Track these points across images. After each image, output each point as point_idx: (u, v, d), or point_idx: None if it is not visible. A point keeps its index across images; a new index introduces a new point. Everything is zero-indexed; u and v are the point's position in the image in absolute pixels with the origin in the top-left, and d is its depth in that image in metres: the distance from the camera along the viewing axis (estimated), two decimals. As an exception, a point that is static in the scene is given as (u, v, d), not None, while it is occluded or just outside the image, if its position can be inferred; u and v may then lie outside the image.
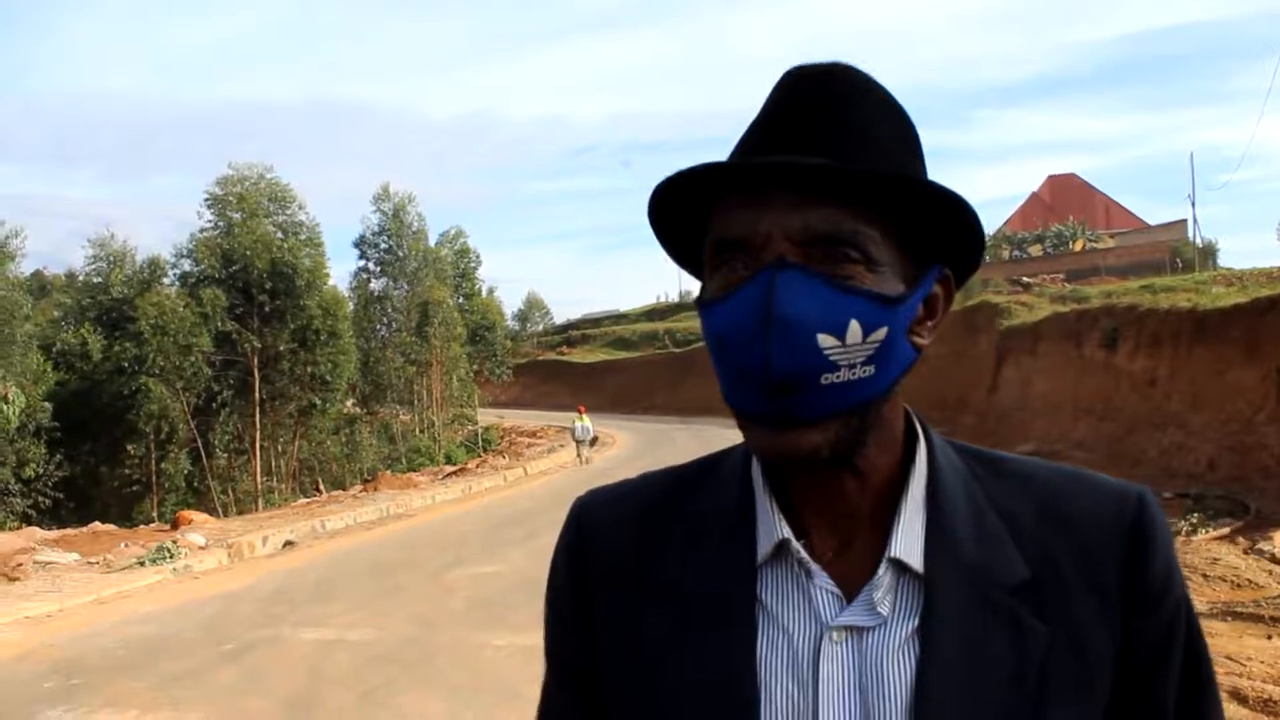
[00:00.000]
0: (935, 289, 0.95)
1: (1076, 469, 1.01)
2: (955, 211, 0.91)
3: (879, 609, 0.91)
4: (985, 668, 0.89)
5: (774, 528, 0.94)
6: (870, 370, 0.87)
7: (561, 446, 35.77)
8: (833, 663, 0.90)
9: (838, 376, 0.86)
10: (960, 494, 0.96)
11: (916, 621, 0.91)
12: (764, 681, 0.91)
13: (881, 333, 0.87)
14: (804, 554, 0.93)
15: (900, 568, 0.92)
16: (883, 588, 0.91)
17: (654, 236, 1.01)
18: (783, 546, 0.94)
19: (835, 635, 0.91)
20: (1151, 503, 0.97)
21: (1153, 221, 63.01)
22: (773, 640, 0.92)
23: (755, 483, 0.98)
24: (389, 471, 31.46)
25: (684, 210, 0.96)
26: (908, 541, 0.92)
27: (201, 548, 15.10)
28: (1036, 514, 0.95)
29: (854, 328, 0.86)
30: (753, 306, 0.86)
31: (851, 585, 0.93)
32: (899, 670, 0.89)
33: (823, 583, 0.93)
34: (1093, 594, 0.92)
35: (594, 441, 32.34)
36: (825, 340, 0.85)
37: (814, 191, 0.87)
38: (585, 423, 31.33)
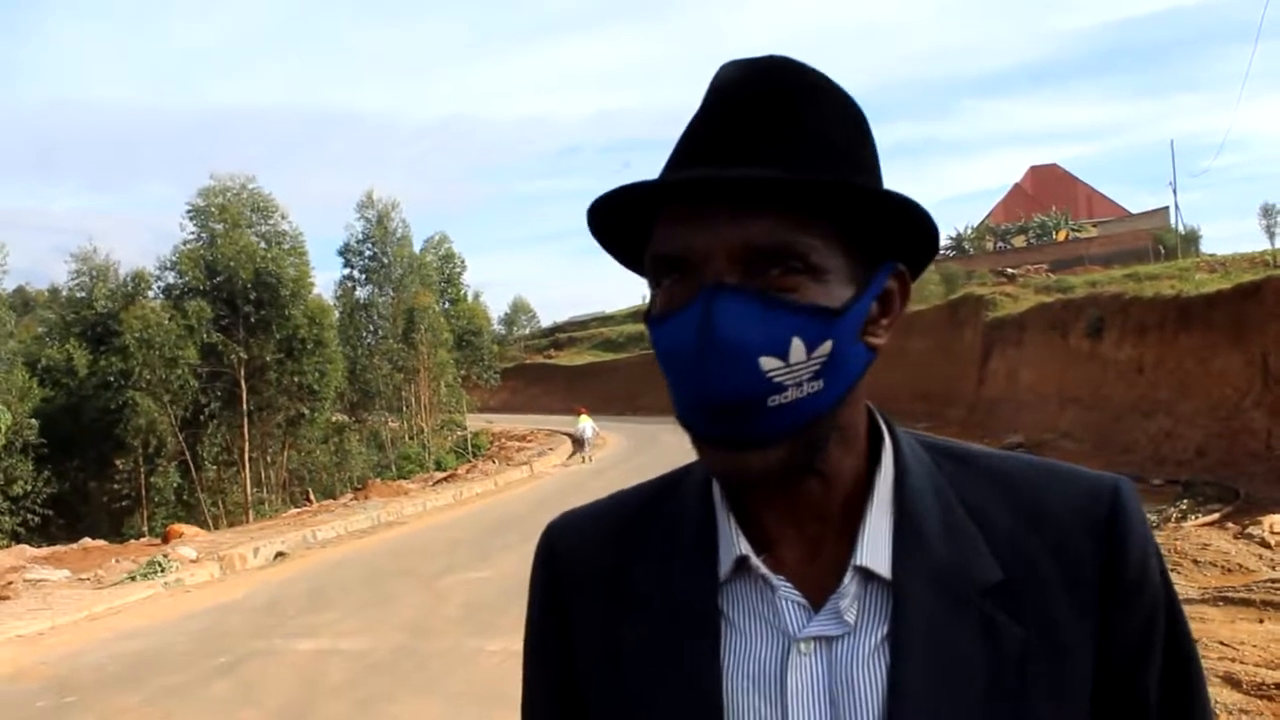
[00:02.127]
0: (890, 285, 0.91)
1: (1050, 462, 0.99)
2: (903, 212, 0.88)
3: (845, 617, 0.89)
4: (958, 672, 0.86)
5: (733, 544, 0.92)
6: (818, 385, 0.85)
7: (552, 450, 35.82)
8: (801, 674, 0.88)
9: (785, 397, 0.84)
10: (929, 493, 0.93)
11: (886, 628, 0.88)
12: (730, 699, 0.90)
13: (826, 346, 0.84)
14: (764, 569, 0.91)
15: (867, 575, 0.90)
16: (849, 596, 0.89)
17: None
18: (743, 562, 0.92)
19: (803, 646, 0.89)
20: (1126, 493, 0.93)
21: (1135, 210, 63.38)
22: (738, 656, 0.91)
23: (715, 496, 0.96)
24: (379, 479, 31.44)
25: (627, 220, 0.92)
26: (873, 547, 0.90)
27: (193, 561, 15.03)
28: (1009, 510, 0.93)
29: (797, 345, 0.83)
30: (692, 331, 0.83)
31: (820, 594, 0.90)
32: (870, 678, 0.87)
33: (787, 594, 0.91)
34: (1069, 590, 0.90)
35: (582, 444, 32.91)
36: (768, 363, 0.83)
37: (752, 203, 0.84)
38: (587, 422, 32.95)
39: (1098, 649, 0.90)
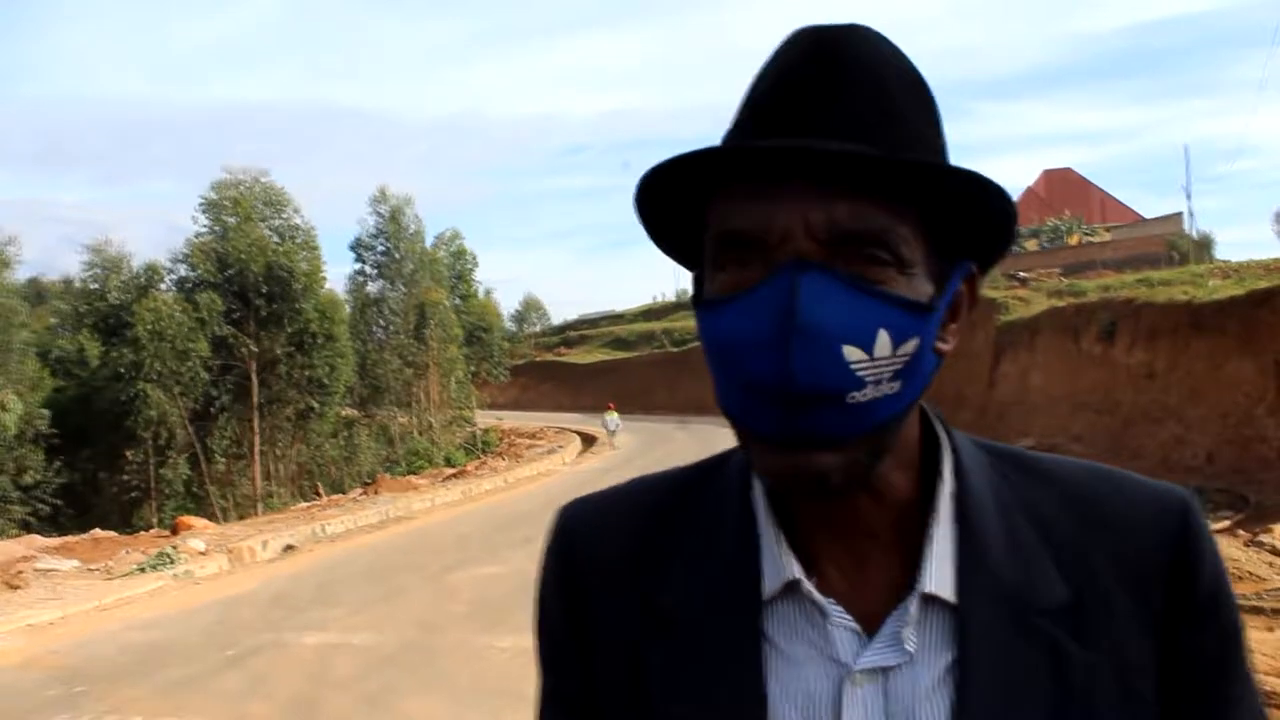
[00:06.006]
0: (960, 287, 0.84)
1: (1110, 468, 0.92)
2: (996, 203, 0.80)
3: (906, 646, 0.81)
4: (1028, 703, 0.80)
5: (780, 564, 0.84)
6: (896, 386, 0.77)
7: (562, 447, 35.98)
8: (856, 707, 0.81)
9: (863, 395, 0.75)
10: (992, 506, 0.86)
11: (950, 657, 0.81)
12: None
13: (912, 344, 0.77)
14: (816, 594, 0.83)
15: (928, 599, 0.82)
16: (910, 623, 0.81)
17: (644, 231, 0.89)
18: (792, 585, 0.84)
19: (858, 678, 0.81)
20: (1196, 507, 0.87)
21: (1149, 214, 63.02)
22: (785, 685, 0.83)
23: (757, 505, 0.88)
24: (388, 474, 31.49)
25: (677, 198, 0.83)
26: (940, 570, 0.82)
27: (202, 553, 15.07)
28: (1074, 520, 0.86)
29: (883, 339, 0.75)
30: (771, 312, 0.74)
31: (870, 618, 0.83)
32: (933, 713, 0.80)
33: (839, 620, 0.83)
34: (1136, 609, 0.83)
35: (592, 441, 33.71)
36: (852, 353, 0.74)
37: (841, 181, 0.75)
38: (614, 416, 37.50)
39: (1164, 672, 0.83)
